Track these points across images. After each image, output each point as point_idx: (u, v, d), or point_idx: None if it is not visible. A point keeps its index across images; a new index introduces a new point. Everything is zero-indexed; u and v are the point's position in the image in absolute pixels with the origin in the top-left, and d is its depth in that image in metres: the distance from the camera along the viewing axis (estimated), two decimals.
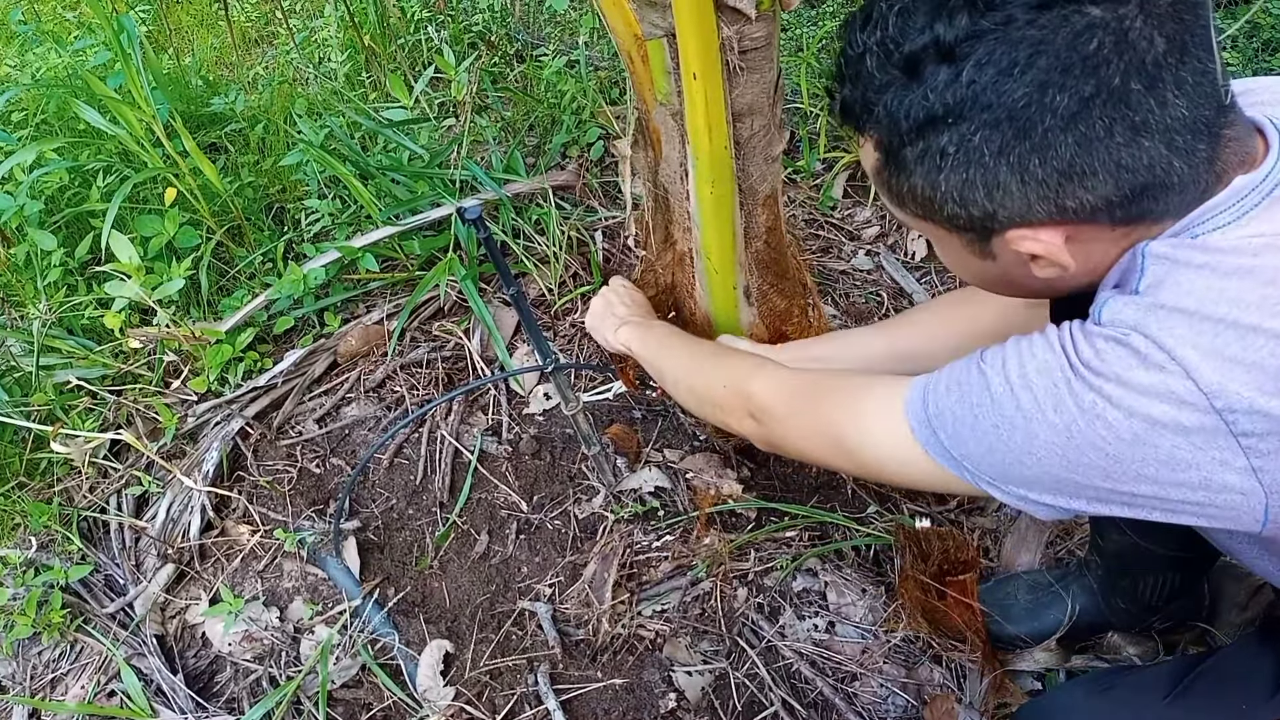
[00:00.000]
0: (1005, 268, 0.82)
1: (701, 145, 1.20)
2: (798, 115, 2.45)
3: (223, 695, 1.51)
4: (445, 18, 3.02)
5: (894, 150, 0.76)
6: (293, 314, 2.08)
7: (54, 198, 2.22)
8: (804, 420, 0.99)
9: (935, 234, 0.83)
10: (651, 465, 1.72)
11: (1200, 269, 0.69)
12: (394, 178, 2.18)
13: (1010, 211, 0.73)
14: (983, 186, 0.72)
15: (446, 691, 1.45)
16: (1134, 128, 0.67)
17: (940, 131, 0.71)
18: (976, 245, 0.80)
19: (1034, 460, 0.74)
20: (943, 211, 0.77)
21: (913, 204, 0.80)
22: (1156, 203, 0.71)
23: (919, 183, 0.76)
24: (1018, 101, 0.67)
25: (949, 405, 0.80)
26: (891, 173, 0.78)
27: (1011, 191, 0.72)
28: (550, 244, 2.09)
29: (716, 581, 1.53)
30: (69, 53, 2.55)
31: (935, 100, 0.70)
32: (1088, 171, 0.69)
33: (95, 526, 1.77)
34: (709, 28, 1.06)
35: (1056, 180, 0.70)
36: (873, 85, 0.74)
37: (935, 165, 0.73)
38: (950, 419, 0.80)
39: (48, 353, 1.93)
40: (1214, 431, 0.66)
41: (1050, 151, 0.69)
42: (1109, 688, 0.95)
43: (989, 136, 0.69)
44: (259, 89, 2.98)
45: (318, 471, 1.83)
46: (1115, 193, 0.70)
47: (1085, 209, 0.71)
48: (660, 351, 1.30)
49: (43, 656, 1.59)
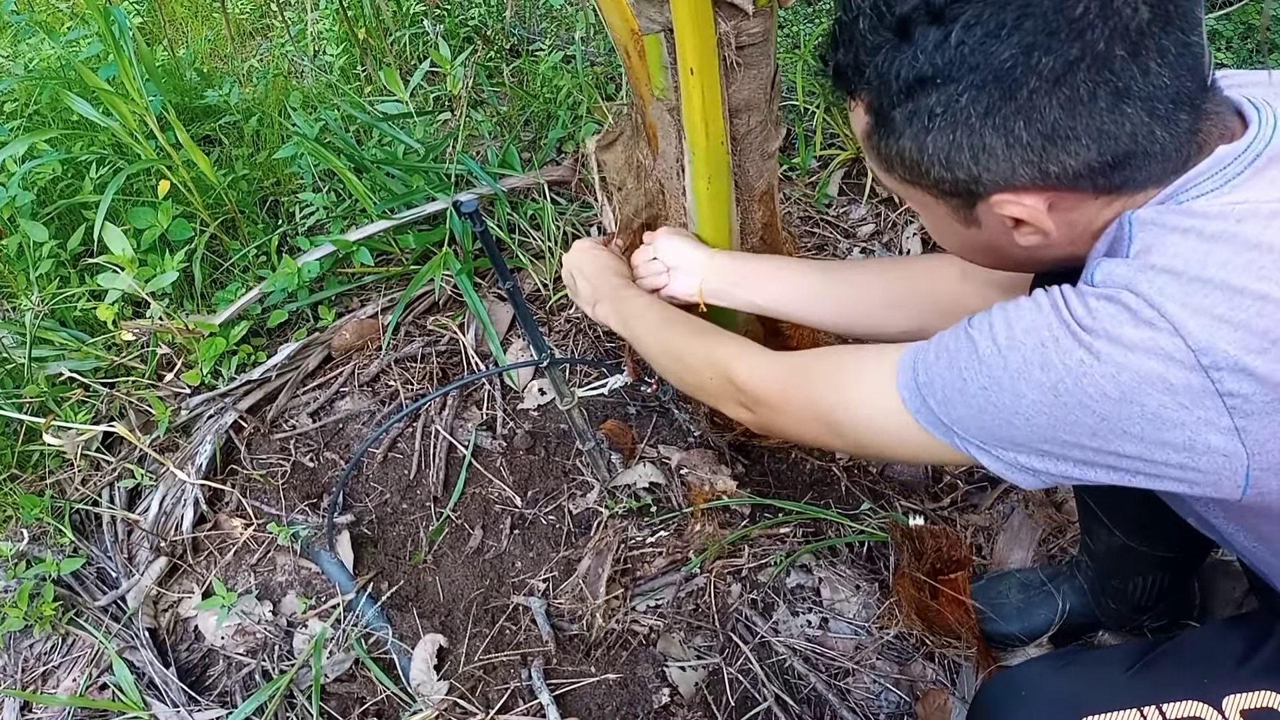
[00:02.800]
0: (989, 235, 0.83)
1: (698, 141, 1.20)
2: (794, 112, 2.45)
3: (215, 689, 1.51)
4: (441, 12, 3.01)
5: (883, 112, 0.77)
6: (287, 307, 2.07)
7: (46, 189, 2.21)
8: (796, 405, 1.00)
9: (922, 201, 0.84)
10: (646, 461, 1.72)
11: (1186, 233, 0.71)
12: (389, 171, 2.17)
13: (994, 175, 0.74)
14: (968, 149, 0.74)
15: (440, 686, 1.45)
16: (1117, 93, 0.68)
17: (928, 92, 0.73)
18: (961, 212, 0.82)
19: (1022, 420, 0.75)
20: (929, 175, 0.78)
21: (900, 168, 0.81)
22: (1138, 171, 0.73)
23: (907, 145, 0.77)
24: (1004, 63, 0.68)
25: (938, 371, 0.81)
26: (881, 135, 0.79)
27: (996, 154, 0.73)
28: (545, 239, 2.09)
29: (710, 577, 1.53)
30: (61, 44, 2.53)
31: (924, 61, 0.71)
32: (1070, 135, 0.70)
33: (87, 519, 1.76)
34: (706, 23, 1.07)
35: (1040, 143, 0.71)
36: (865, 47, 0.75)
37: (923, 126, 0.75)
38: (940, 385, 0.81)
39: (40, 345, 1.92)
40: (1200, 391, 0.67)
41: (1035, 114, 0.70)
42: (1068, 663, 0.96)
43: (975, 98, 0.71)
44: (253, 82, 2.97)
45: (311, 465, 1.82)
46: (1097, 158, 0.71)
47: (1068, 174, 0.73)
48: (640, 330, 1.27)
49: (34, 649, 1.58)
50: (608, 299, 1.34)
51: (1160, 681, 0.89)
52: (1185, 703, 0.85)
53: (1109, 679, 0.92)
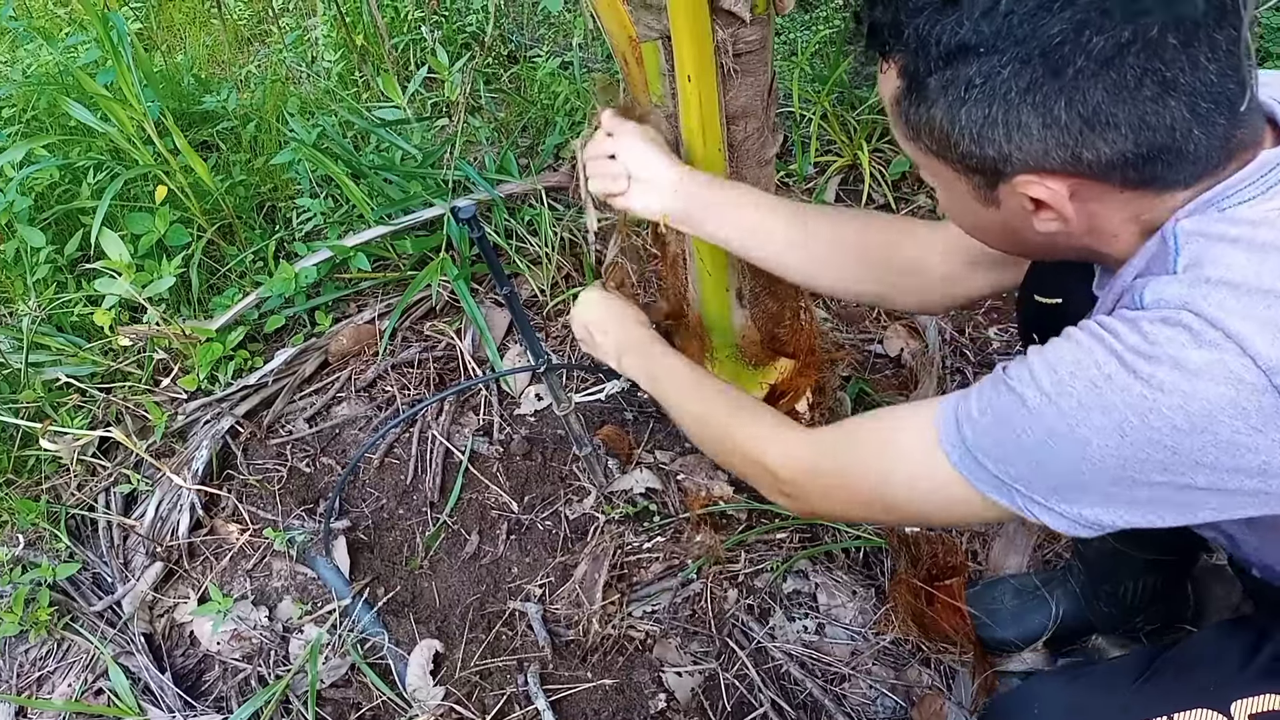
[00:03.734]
0: (1007, 216, 0.80)
1: (696, 147, 1.21)
2: (790, 119, 2.46)
3: (211, 694, 1.51)
4: (439, 18, 3.02)
5: (918, 77, 0.73)
6: (284, 313, 2.07)
7: (44, 195, 2.21)
8: (839, 489, 0.95)
9: (942, 174, 0.82)
10: (643, 466, 1.72)
11: (1236, 242, 0.68)
12: (386, 177, 2.17)
13: (1025, 155, 0.72)
14: (1003, 125, 0.71)
15: (436, 691, 1.45)
16: (1163, 83, 0.66)
17: (969, 61, 0.69)
18: (983, 190, 0.79)
19: (1089, 467, 0.71)
20: (956, 149, 0.75)
21: (928, 137, 0.77)
22: (1169, 169, 0.70)
23: (939, 114, 0.74)
24: (1053, 38, 0.65)
25: (987, 429, 0.77)
26: (912, 101, 0.76)
27: (1031, 133, 0.70)
28: (543, 245, 2.09)
29: (707, 583, 1.53)
30: (60, 49, 2.54)
31: (969, 28, 0.68)
32: (1111, 122, 0.68)
33: (83, 524, 1.76)
34: (704, 30, 1.07)
35: (1079, 126, 0.68)
36: (906, 7, 0.72)
37: (959, 96, 0.71)
38: (993, 443, 0.77)
39: (37, 350, 1.92)
40: (1273, 412, 0.64)
41: (1078, 95, 0.67)
42: (1077, 677, 0.96)
43: (1018, 71, 0.68)
44: (251, 87, 2.97)
45: (308, 471, 1.82)
46: (1133, 150, 0.69)
47: (1100, 162, 0.70)
48: (669, 390, 1.21)
49: (29, 654, 1.58)
50: (634, 352, 1.28)
51: (1168, 690, 0.88)
52: (1196, 711, 0.83)
53: (1119, 692, 0.90)
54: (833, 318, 2.02)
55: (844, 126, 2.42)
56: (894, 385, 1.83)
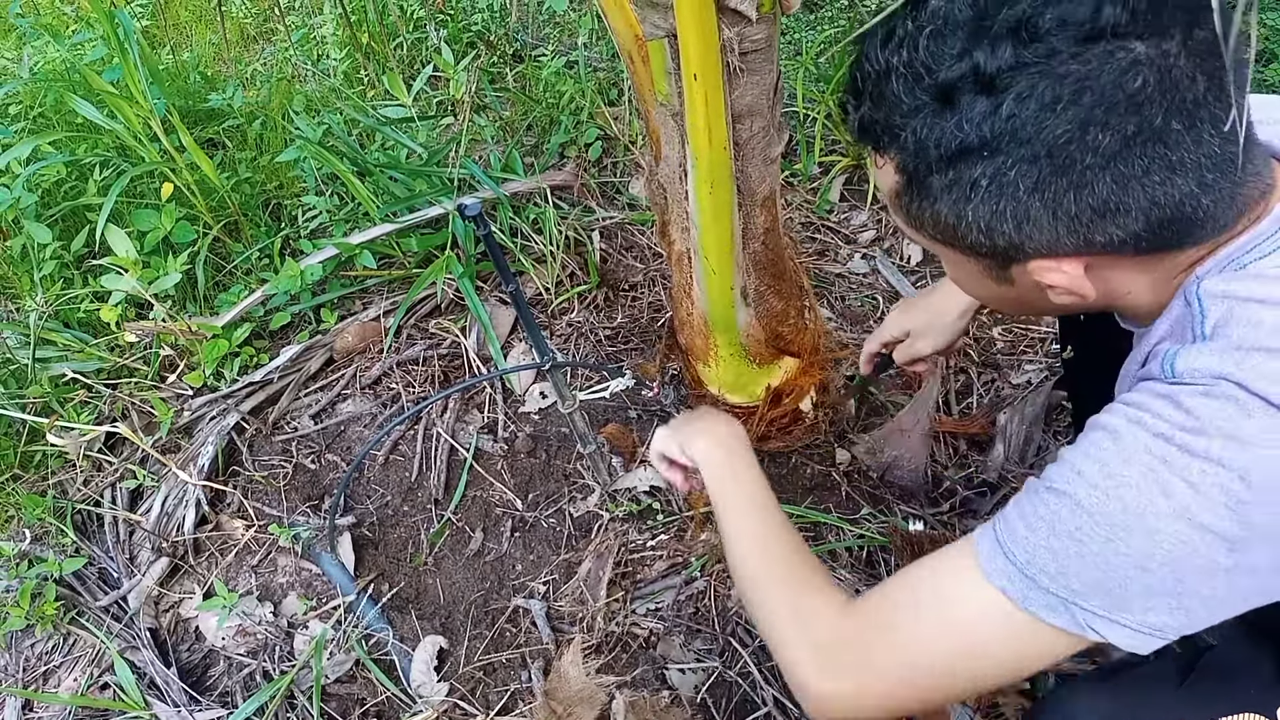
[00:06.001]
0: (1021, 293, 0.80)
1: (701, 146, 1.21)
2: (795, 119, 2.46)
3: (216, 689, 1.51)
4: (444, 17, 3.03)
5: (919, 176, 0.73)
6: (289, 310, 2.08)
7: (50, 191, 2.22)
8: (887, 675, 0.81)
9: (951, 258, 0.82)
10: (647, 464, 1.72)
11: (1264, 303, 0.68)
12: (392, 175, 2.18)
13: (1036, 244, 0.72)
14: (1012, 219, 0.71)
15: (440, 687, 1.45)
16: (1170, 166, 0.66)
17: (973, 163, 0.69)
18: (994, 271, 0.79)
19: (1158, 562, 0.67)
20: (965, 240, 0.75)
21: (932, 229, 0.78)
22: (1180, 236, 0.71)
23: (943, 210, 0.74)
24: (1059, 138, 0.65)
25: (1039, 543, 0.72)
26: (913, 198, 0.76)
27: (1041, 225, 0.70)
28: (548, 243, 2.10)
29: (710, 580, 1.54)
30: (66, 47, 2.55)
31: (971, 131, 0.68)
32: (1121, 209, 0.68)
33: (89, 519, 1.77)
34: (710, 29, 1.07)
35: (1089, 216, 0.69)
36: (899, 109, 0.71)
37: (964, 195, 0.71)
38: (1048, 555, 0.71)
39: (44, 345, 1.93)
40: None
41: (1087, 189, 0.67)
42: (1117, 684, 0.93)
43: (1025, 171, 0.68)
44: (257, 85, 2.98)
45: (313, 467, 1.83)
46: (1144, 229, 0.69)
47: (1113, 243, 0.70)
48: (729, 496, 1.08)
49: (35, 649, 1.58)
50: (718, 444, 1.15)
51: (1212, 695, 0.86)
52: (1242, 715, 0.82)
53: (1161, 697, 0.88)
54: (837, 317, 2.03)
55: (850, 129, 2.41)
56: (897, 385, 1.84)
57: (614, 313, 2.08)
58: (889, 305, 2.06)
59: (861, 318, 2.03)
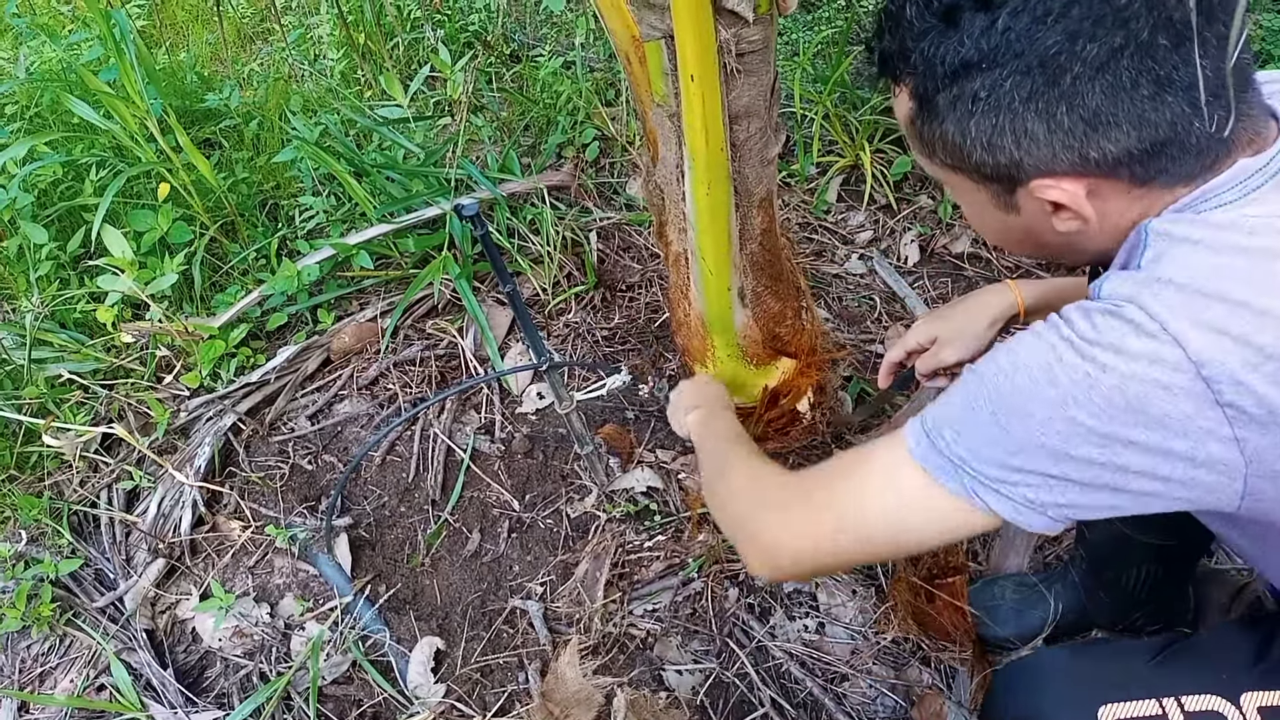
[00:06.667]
0: (1028, 220, 0.84)
1: (698, 147, 1.21)
2: (792, 119, 2.46)
3: (213, 690, 1.51)
4: (441, 17, 3.02)
5: (928, 96, 0.78)
6: (286, 310, 2.08)
7: (47, 191, 2.21)
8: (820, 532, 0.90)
9: (962, 186, 0.85)
10: (644, 465, 1.72)
11: (1197, 245, 0.72)
12: (389, 175, 2.18)
13: (1035, 160, 0.76)
14: (1011, 133, 0.75)
15: (437, 688, 1.45)
16: (1158, 82, 0.69)
17: (973, 77, 0.74)
18: (1002, 198, 0.83)
19: (1033, 441, 0.74)
20: (970, 160, 0.79)
21: (943, 152, 0.82)
22: (1173, 163, 0.73)
23: (950, 129, 0.78)
24: (1049, 49, 0.70)
25: (946, 413, 0.81)
26: (924, 120, 0.80)
27: (1038, 139, 0.74)
28: (545, 244, 2.10)
29: (708, 581, 1.54)
30: (63, 46, 2.54)
31: (970, 46, 0.73)
32: (1112, 122, 0.71)
33: (86, 520, 1.76)
34: (707, 30, 1.07)
35: (1082, 129, 0.72)
36: (911, 33, 0.77)
37: (967, 110, 0.76)
38: (948, 422, 0.80)
39: (40, 346, 1.93)
40: (1201, 399, 0.68)
41: (1077, 99, 0.71)
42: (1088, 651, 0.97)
43: (1019, 83, 0.72)
44: (254, 85, 2.98)
45: (310, 468, 1.83)
46: (1137, 145, 0.72)
47: (1108, 160, 0.74)
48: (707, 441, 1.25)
49: (31, 650, 1.58)
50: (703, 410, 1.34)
51: (1180, 673, 0.90)
52: (1204, 696, 0.86)
53: (1131, 667, 0.92)
54: (834, 318, 2.03)
55: (846, 127, 2.42)
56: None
57: (611, 313, 2.08)
58: (886, 306, 2.06)
59: (859, 318, 2.03)
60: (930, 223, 2.27)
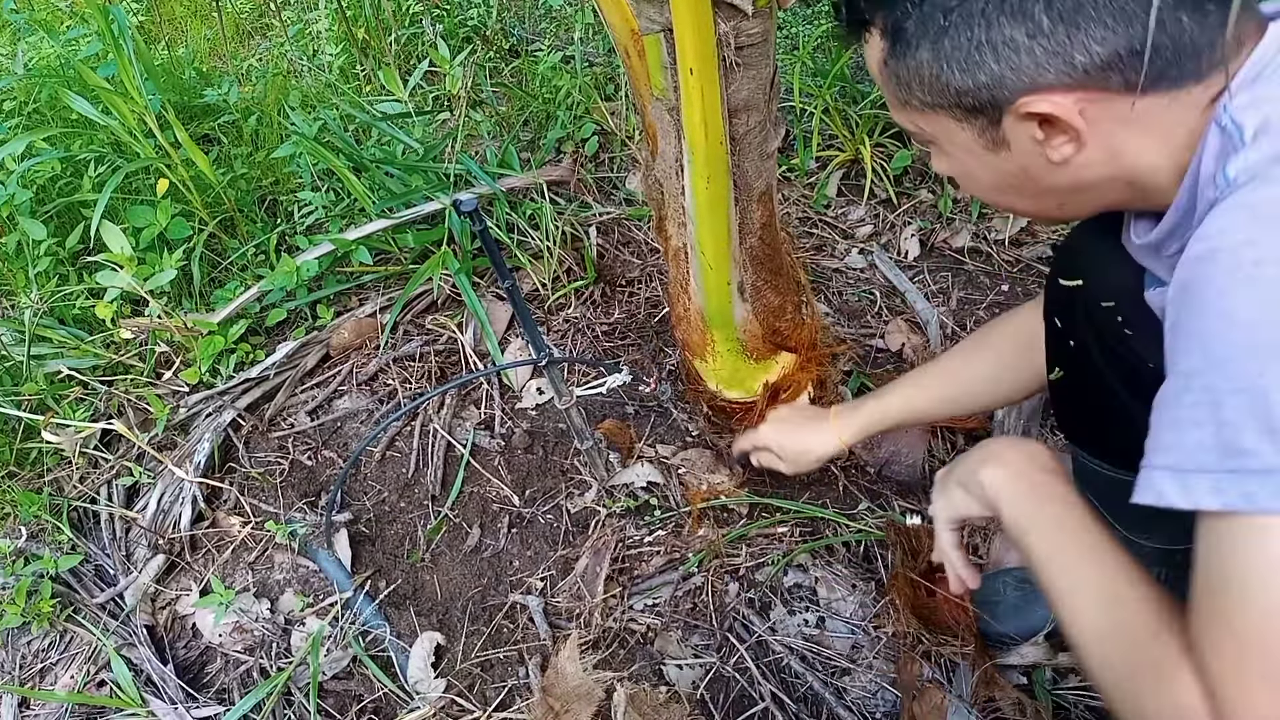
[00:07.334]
0: (1020, 158, 0.79)
1: (698, 141, 1.21)
2: (792, 113, 2.45)
3: (213, 686, 1.51)
4: (440, 12, 3.02)
5: (899, 25, 0.76)
6: (285, 306, 2.07)
7: (45, 187, 2.21)
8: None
9: (946, 131, 0.82)
10: (644, 460, 1.72)
11: None
12: (388, 171, 2.18)
13: (1019, 73, 0.72)
14: (989, 44, 0.72)
15: (438, 683, 1.45)
16: None
17: None
18: (988, 134, 0.79)
19: None
20: (950, 88, 0.76)
21: (920, 89, 0.79)
22: (1169, 64, 0.69)
23: (924, 55, 0.76)
24: None
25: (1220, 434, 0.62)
26: (897, 54, 0.78)
27: (1018, 46, 0.71)
28: (544, 239, 2.09)
29: (708, 576, 1.54)
30: (61, 42, 2.54)
31: None
32: (1093, 17, 0.68)
33: (85, 517, 1.76)
34: (706, 24, 1.07)
35: (1063, 30, 0.69)
36: None
37: (940, 28, 0.73)
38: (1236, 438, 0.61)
39: (39, 342, 1.93)
40: None
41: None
42: None
43: None
44: (252, 81, 2.97)
45: (309, 464, 1.83)
46: (1125, 45, 0.68)
47: (1095, 64, 0.70)
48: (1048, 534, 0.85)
49: (32, 646, 1.58)
50: (1010, 470, 0.94)
51: None
52: None
53: None
54: (834, 312, 2.03)
55: (846, 121, 2.42)
56: None
57: (611, 308, 2.08)
58: (886, 301, 2.05)
59: (859, 313, 2.03)
60: (930, 217, 2.26)
